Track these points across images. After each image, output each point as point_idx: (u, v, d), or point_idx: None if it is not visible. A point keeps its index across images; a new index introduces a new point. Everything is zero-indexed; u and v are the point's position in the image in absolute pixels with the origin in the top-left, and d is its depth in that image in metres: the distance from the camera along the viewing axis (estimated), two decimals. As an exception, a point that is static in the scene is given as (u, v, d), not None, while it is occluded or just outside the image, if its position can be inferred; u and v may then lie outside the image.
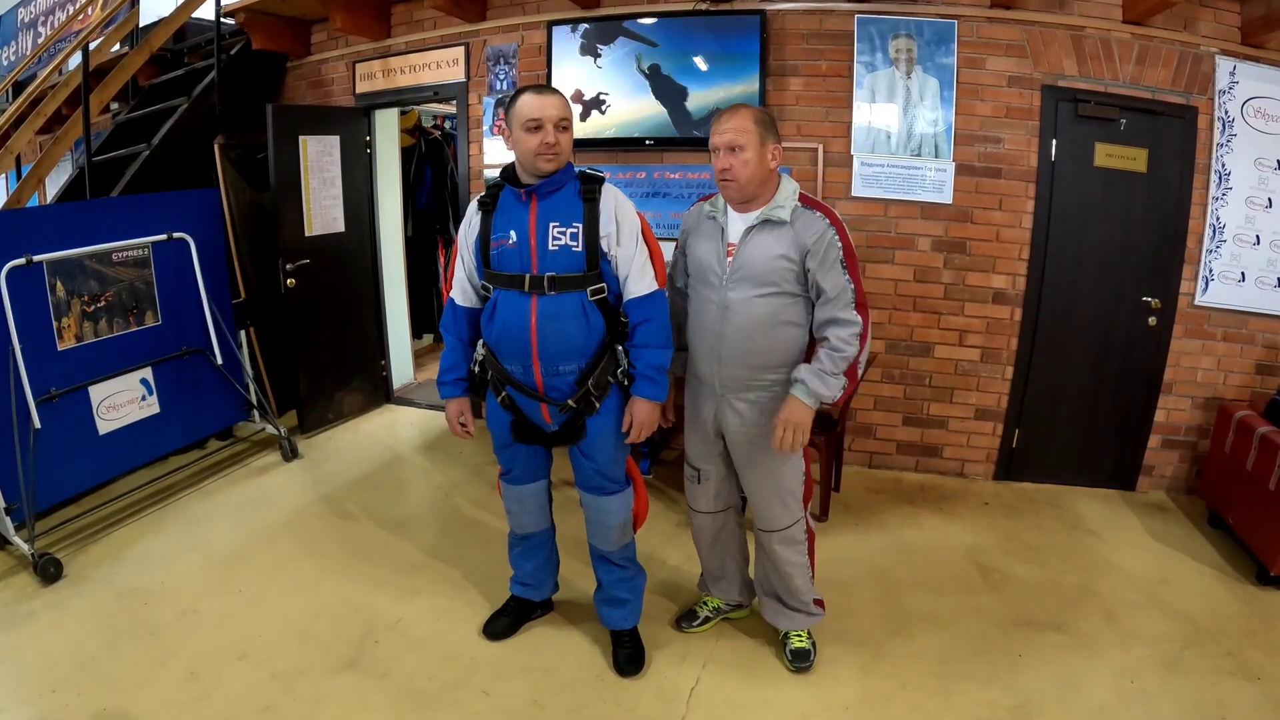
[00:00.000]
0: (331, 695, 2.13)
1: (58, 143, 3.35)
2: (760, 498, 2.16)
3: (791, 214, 1.96)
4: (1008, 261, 3.34)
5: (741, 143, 1.93)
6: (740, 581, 2.41)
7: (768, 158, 1.96)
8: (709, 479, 2.25)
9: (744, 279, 1.99)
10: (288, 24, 4.09)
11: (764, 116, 1.99)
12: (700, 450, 2.23)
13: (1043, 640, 2.45)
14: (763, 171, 1.96)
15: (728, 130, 1.95)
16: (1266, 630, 2.54)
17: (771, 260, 1.96)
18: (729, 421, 2.11)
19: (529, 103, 1.90)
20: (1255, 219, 3.24)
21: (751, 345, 2.02)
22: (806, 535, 2.20)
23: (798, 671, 2.25)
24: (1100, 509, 3.35)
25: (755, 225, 1.99)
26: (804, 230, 1.94)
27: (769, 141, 1.96)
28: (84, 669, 2.20)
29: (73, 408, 2.98)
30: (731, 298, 2.01)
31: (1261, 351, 3.34)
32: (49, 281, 2.88)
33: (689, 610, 2.47)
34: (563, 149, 1.93)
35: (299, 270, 3.75)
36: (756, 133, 1.93)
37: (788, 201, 1.98)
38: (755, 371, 2.04)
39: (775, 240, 1.96)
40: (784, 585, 2.24)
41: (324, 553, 2.87)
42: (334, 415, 4.11)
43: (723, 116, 1.99)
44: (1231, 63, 3.16)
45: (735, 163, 1.94)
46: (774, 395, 2.04)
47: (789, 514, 2.15)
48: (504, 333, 1.98)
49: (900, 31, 3.22)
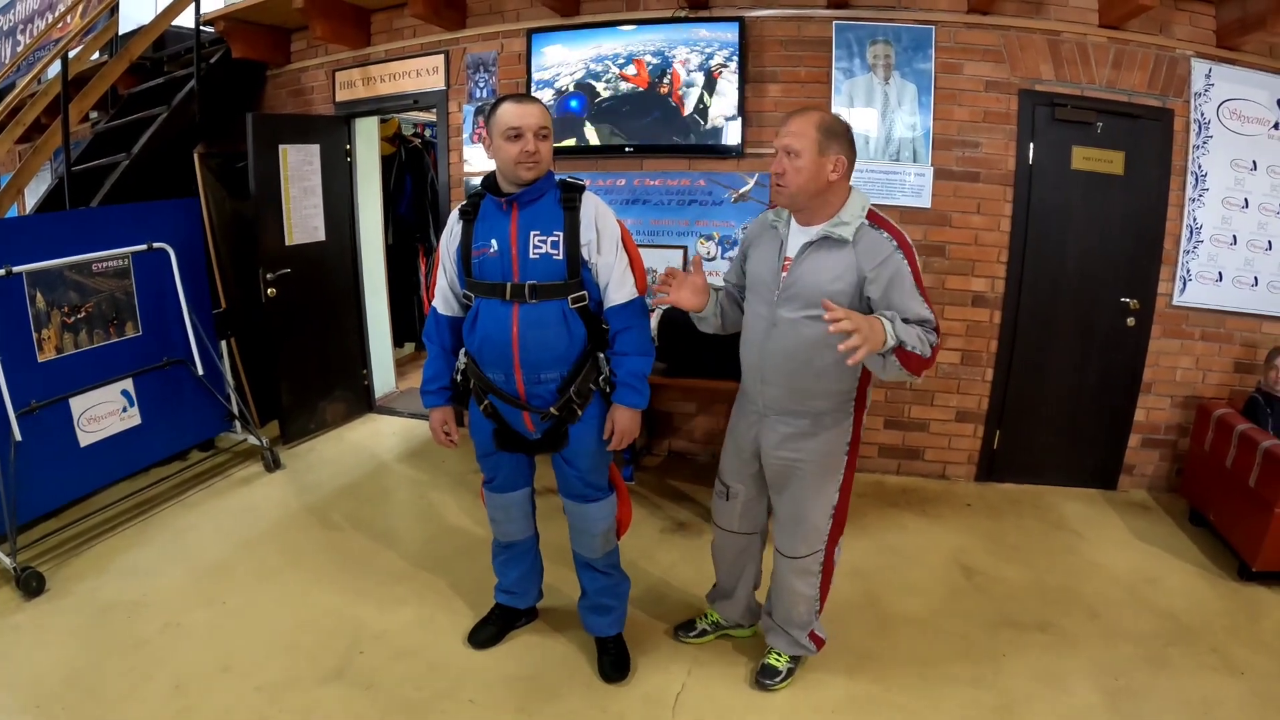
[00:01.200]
0: (318, 707, 2.15)
1: (36, 152, 3.36)
2: (784, 522, 2.13)
3: (856, 233, 1.85)
4: (987, 264, 3.42)
5: (798, 148, 1.83)
6: (745, 605, 2.40)
7: (827, 168, 1.84)
8: (737, 497, 2.21)
9: (795, 297, 1.91)
10: (267, 32, 4.12)
11: (833, 124, 1.87)
12: (734, 467, 2.20)
13: (1027, 640, 2.50)
14: (819, 182, 1.85)
15: (786, 133, 1.86)
16: (1250, 625, 2.61)
17: (827, 283, 1.86)
18: (767, 442, 2.06)
19: (509, 111, 1.93)
20: (1232, 219, 3.33)
21: (795, 368, 1.94)
22: (822, 570, 2.15)
23: (757, 686, 2.24)
24: (1082, 509, 3.43)
25: (814, 241, 1.89)
26: (866, 254, 1.83)
27: (831, 151, 1.83)
28: (68, 684, 2.21)
29: (53, 420, 2.99)
30: (781, 315, 1.94)
31: (1240, 350, 3.43)
32: (29, 293, 2.90)
33: (689, 620, 2.49)
34: (543, 157, 1.96)
35: (280, 279, 3.78)
36: (815, 139, 1.82)
37: (854, 219, 1.86)
38: (799, 396, 1.97)
39: (834, 260, 1.86)
40: (785, 609, 2.21)
41: (308, 563, 2.90)
42: (316, 425, 4.13)
43: (789, 117, 1.89)
44: (1207, 65, 3.25)
45: (789, 167, 1.85)
46: (816, 423, 1.98)
47: (807, 545, 2.10)
48: (486, 341, 2.02)
49: (878, 38, 3.29)
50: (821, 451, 2.02)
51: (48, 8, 4.92)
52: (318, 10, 3.63)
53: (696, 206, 3.60)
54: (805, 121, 1.86)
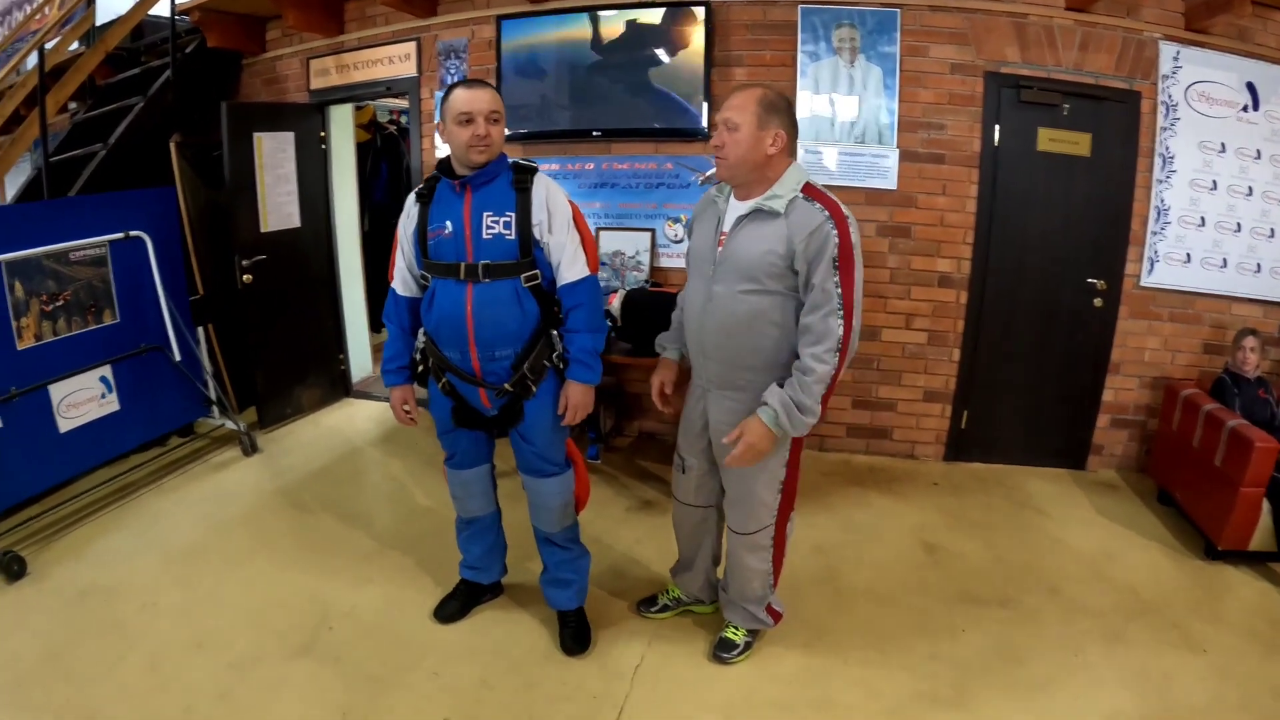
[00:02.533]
0: (286, 681, 2.25)
1: (14, 144, 3.45)
2: (732, 498, 2.18)
3: (789, 205, 1.88)
4: (952, 245, 3.50)
5: (738, 121, 1.88)
6: (704, 580, 2.45)
7: (766, 142, 1.88)
8: (691, 470, 2.27)
9: (729, 271, 1.95)
10: (241, 21, 4.19)
11: (774, 100, 1.91)
12: (686, 441, 2.26)
13: (986, 615, 2.57)
14: (757, 154, 1.89)
15: (727, 106, 1.92)
16: (1212, 603, 2.67)
17: (758, 255, 1.89)
18: (713, 416, 2.12)
19: (460, 97, 2.02)
20: (1200, 201, 3.40)
21: (732, 343, 1.99)
22: (774, 545, 2.19)
23: (715, 660, 2.31)
24: (1049, 488, 3.51)
25: (748, 214, 1.94)
26: (797, 225, 1.85)
27: (771, 126, 1.88)
28: (47, 664, 2.30)
29: (33, 407, 3.09)
30: (715, 290, 1.98)
31: (1209, 331, 3.51)
32: (7, 282, 2.99)
33: (651, 596, 2.57)
34: (494, 140, 2.04)
35: (255, 266, 3.87)
36: (755, 112, 1.87)
37: (788, 191, 1.89)
38: (737, 370, 2.02)
39: (765, 233, 1.89)
40: (740, 584, 2.27)
41: (280, 545, 3.00)
42: (293, 410, 4.23)
43: (732, 92, 1.95)
44: (1175, 48, 3.31)
45: (728, 140, 1.90)
46: (757, 397, 1.98)
47: (756, 520, 2.15)
48: (442, 320, 2.11)
49: (843, 21, 3.36)
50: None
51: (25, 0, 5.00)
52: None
53: (664, 189, 3.69)
54: (746, 96, 1.91)
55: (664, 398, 2.32)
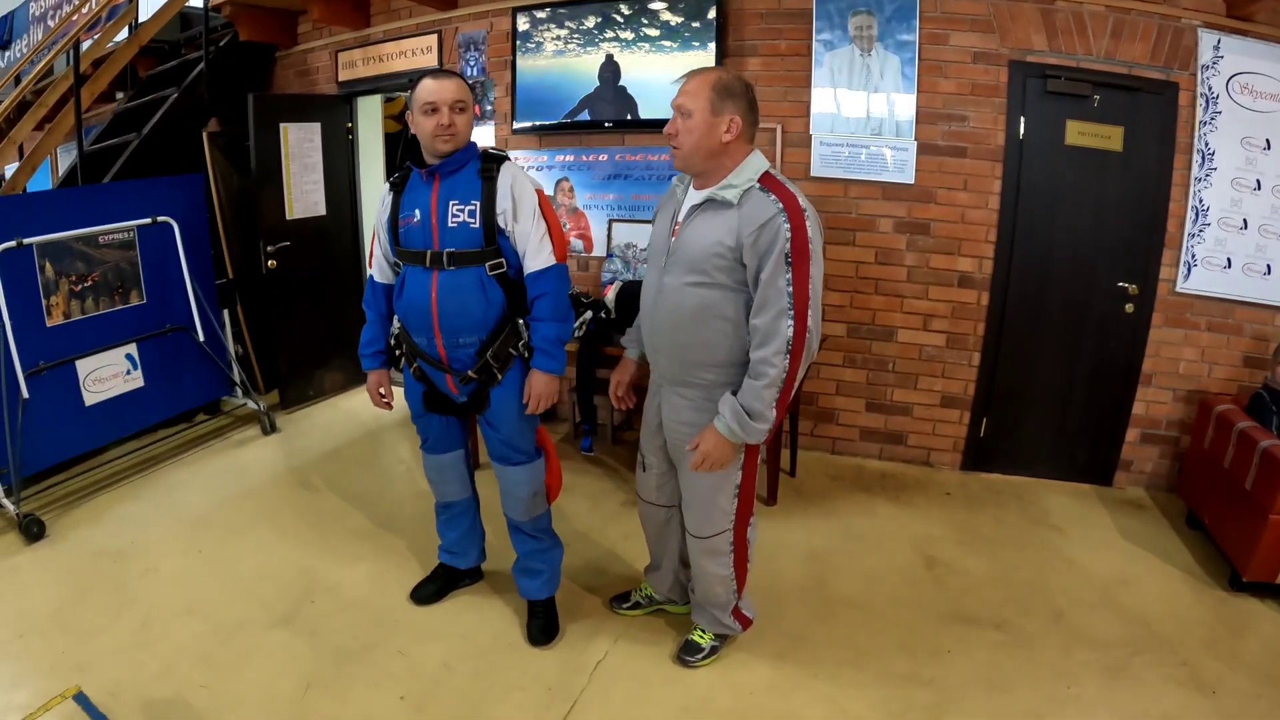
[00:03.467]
0: (261, 648, 2.36)
1: (50, 134, 3.71)
2: (690, 502, 2.13)
3: (742, 196, 1.81)
4: (974, 244, 3.37)
5: (690, 107, 1.82)
6: (673, 580, 2.42)
7: (720, 129, 1.82)
8: (652, 470, 2.24)
9: (678, 263, 1.91)
10: (273, 15, 4.38)
11: (730, 83, 1.83)
12: (646, 439, 2.24)
13: (977, 637, 2.45)
14: (711, 142, 1.83)
15: (681, 92, 1.87)
16: (1231, 639, 2.47)
17: (706, 246, 1.84)
18: (666, 414, 2.08)
19: (426, 87, 2.08)
20: (1242, 202, 3.18)
21: (681, 339, 1.94)
22: (732, 548, 2.14)
23: (678, 662, 2.29)
24: (1070, 504, 3.34)
25: (700, 204, 1.89)
26: (748, 217, 1.79)
27: (726, 112, 1.81)
28: (52, 618, 2.49)
29: (60, 380, 3.32)
30: (665, 282, 1.94)
31: (1249, 343, 3.28)
32: (38, 262, 3.21)
33: (625, 592, 2.57)
34: (459, 129, 2.08)
35: (280, 252, 4.04)
36: (709, 97, 1.81)
37: (743, 182, 1.83)
38: (687, 367, 1.97)
39: (716, 224, 1.83)
40: (703, 589, 2.23)
41: (281, 520, 3.14)
42: (314, 392, 4.41)
43: (686, 76, 1.90)
44: (1215, 36, 3.10)
45: (681, 128, 1.85)
46: (710, 395, 1.95)
47: (712, 525, 2.10)
48: (410, 307, 2.17)
49: (860, 8, 3.28)
50: None
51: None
52: (316, -6, 3.86)
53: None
54: (700, 81, 1.84)
55: (619, 398, 2.31)
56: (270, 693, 2.17)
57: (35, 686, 2.17)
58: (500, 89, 3.92)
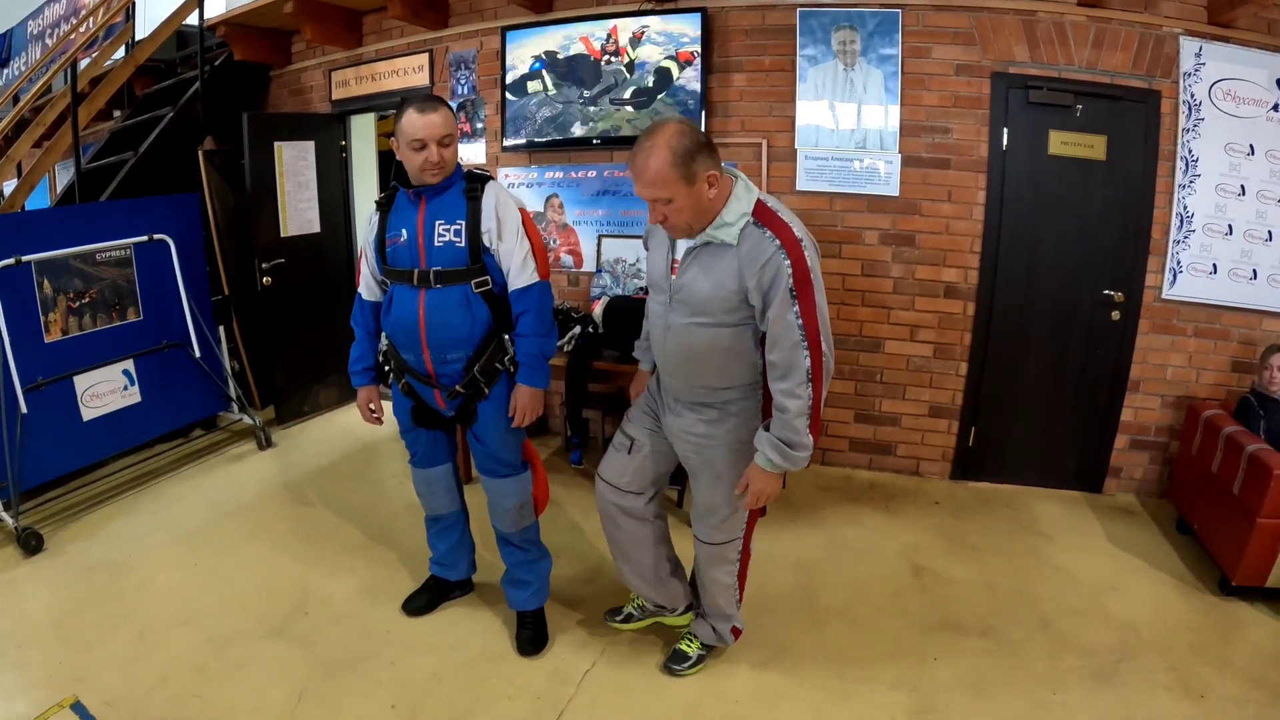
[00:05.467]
0: (256, 659, 2.44)
1: (47, 152, 3.83)
2: (701, 510, 2.18)
3: (740, 235, 1.84)
4: (959, 254, 3.45)
5: (666, 195, 1.82)
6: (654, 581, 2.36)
7: (704, 192, 1.83)
8: (640, 449, 2.23)
9: (683, 304, 1.96)
10: (267, 35, 4.51)
11: (680, 154, 1.78)
12: (637, 420, 2.26)
13: (963, 645, 2.50)
14: (701, 205, 1.84)
15: (646, 187, 1.84)
16: (1220, 644, 2.52)
17: (710, 290, 1.88)
18: (675, 424, 2.13)
19: (413, 122, 2.10)
20: (1227, 207, 3.26)
21: (694, 369, 2.01)
22: (739, 559, 2.21)
23: (665, 671, 2.34)
24: (1059, 511, 3.41)
25: (697, 247, 1.91)
26: (748, 258, 1.82)
27: (698, 179, 1.80)
28: (50, 630, 2.58)
29: (58, 395, 3.42)
30: (673, 320, 1.99)
31: (1237, 348, 3.35)
32: (37, 280, 3.32)
33: (617, 606, 2.61)
34: (446, 162, 2.16)
35: (275, 269, 4.15)
36: (677, 177, 1.79)
37: (737, 219, 1.85)
38: (701, 392, 2.03)
39: (716, 266, 1.87)
40: (709, 598, 2.28)
41: (275, 534, 3.23)
42: (310, 408, 4.51)
43: (636, 165, 1.84)
44: (1197, 43, 3.19)
45: (669, 212, 1.85)
46: (724, 411, 2.02)
47: (724, 533, 2.15)
48: (397, 324, 2.26)
49: (842, 23, 3.37)
50: (734, 437, 2.06)
51: (72, 13, 5.48)
52: (308, 14, 3.98)
53: (665, 198, 3.76)
54: (659, 165, 1.79)
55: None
56: (264, 702, 2.25)
57: (33, 696, 2.25)
58: (490, 107, 4.02)
